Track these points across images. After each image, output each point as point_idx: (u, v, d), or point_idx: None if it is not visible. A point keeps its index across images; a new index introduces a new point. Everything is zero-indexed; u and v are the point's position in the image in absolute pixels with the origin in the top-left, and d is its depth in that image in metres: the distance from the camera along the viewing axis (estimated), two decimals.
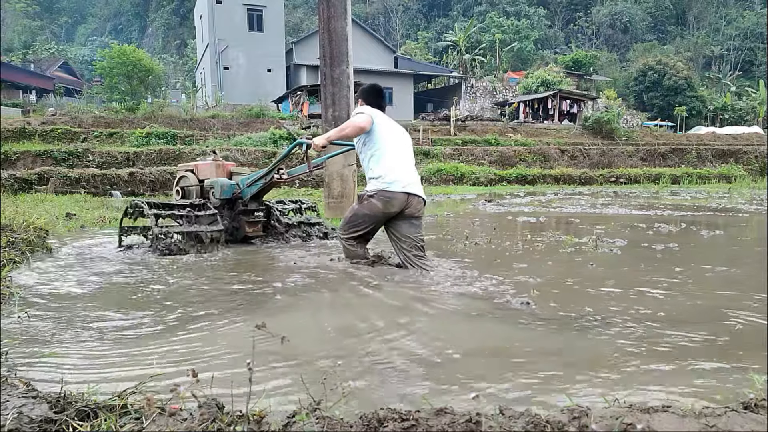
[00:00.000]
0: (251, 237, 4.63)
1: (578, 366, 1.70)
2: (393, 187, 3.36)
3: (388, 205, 3.38)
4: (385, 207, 3.39)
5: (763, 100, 36.77)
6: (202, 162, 4.75)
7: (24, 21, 55.90)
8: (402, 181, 3.38)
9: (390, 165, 3.39)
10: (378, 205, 3.38)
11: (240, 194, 4.48)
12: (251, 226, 4.57)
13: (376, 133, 3.41)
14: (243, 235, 4.58)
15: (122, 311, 2.37)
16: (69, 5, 68.09)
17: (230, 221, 4.57)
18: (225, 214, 4.54)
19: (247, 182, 4.41)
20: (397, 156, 3.44)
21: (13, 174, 11.11)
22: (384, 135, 3.43)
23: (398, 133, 3.56)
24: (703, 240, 4.87)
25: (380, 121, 3.46)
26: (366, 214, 3.44)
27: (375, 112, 3.49)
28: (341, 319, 2.31)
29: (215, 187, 4.47)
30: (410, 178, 3.46)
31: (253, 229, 4.60)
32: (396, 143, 3.48)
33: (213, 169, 4.58)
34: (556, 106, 28.34)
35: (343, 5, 5.97)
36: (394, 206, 3.40)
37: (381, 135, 3.42)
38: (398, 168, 3.40)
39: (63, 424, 1.08)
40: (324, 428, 1.05)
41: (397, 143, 3.48)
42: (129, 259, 3.79)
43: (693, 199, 11.00)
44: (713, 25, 58.12)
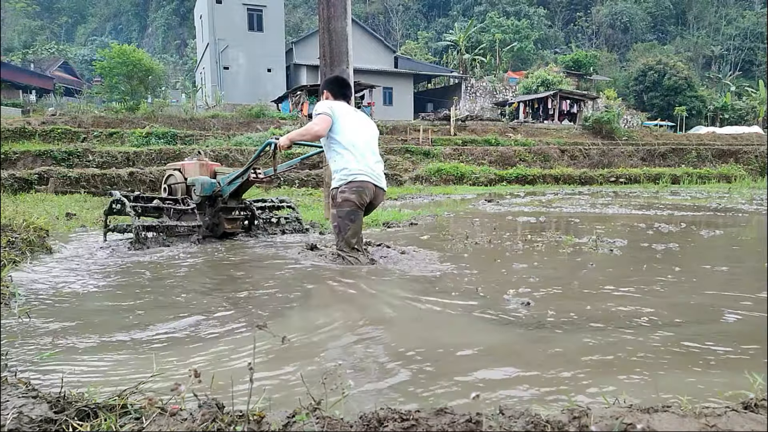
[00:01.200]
0: (230, 233, 4.87)
1: (578, 366, 1.70)
2: (361, 177, 3.43)
3: (361, 194, 3.44)
4: (359, 197, 3.44)
5: (763, 100, 36.78)
6: (188, 162, 4.98)
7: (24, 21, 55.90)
8: (367, 172, 3.46)
9: (353, 158, 3.45)
10: (352, 197, 3.43)
11: (220, 192, 4.71)
12: (230, 223, 4.82)
13: (338, 127, 3.47)
14: (222, 231, 4.82)
15: (122, 311, 2.37)
16: (69, 5, 68.07)
17: (211, 218, 4.82)
18: (207, 211, 4.80)
19: (227, 181, 4.63)
20: (360, 149, 3.49)
21: (13, 174, 11.11)
22: (346, 129, 3.49)
23: (362, 125, 3.61)
24: (704, 240, 4.87)
25: (342, 114, 3.51)
26: (346, 211, 3.45)
27: (336, 106, 3.53)
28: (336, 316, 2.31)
29: (196, 185, 4.70)
30: (375, 170, 3.54)
31: (232, 226, 4.86)
32: (359, 136, 3.53)
33: (197, 168, 4.81)
34: (556, 106, 28.34)
35: (343, 5, 5.96)
36: (367, 195, 3.47)
37: (343, 129, 3.48)
38: (362, 161, 3.47)
39: (63, 424, 1.08)
40: (324, 428, 1.05)
41: (360, 136, 3.53)
42: (129, 258, 3.79)
43: (693, 199, 11.00)
44: (713, 25, 58.12)
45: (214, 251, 4.19)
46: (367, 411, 1.11)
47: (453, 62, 42.38)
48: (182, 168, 4.94)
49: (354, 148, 3.47)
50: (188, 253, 4.05)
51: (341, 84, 3.83)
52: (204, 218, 4.74)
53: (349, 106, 3.67)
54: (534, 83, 30.97)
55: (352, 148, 3.47)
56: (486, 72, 40.05)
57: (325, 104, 3.52)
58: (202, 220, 4.68)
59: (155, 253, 3.98)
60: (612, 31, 57.34)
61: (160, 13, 60.56)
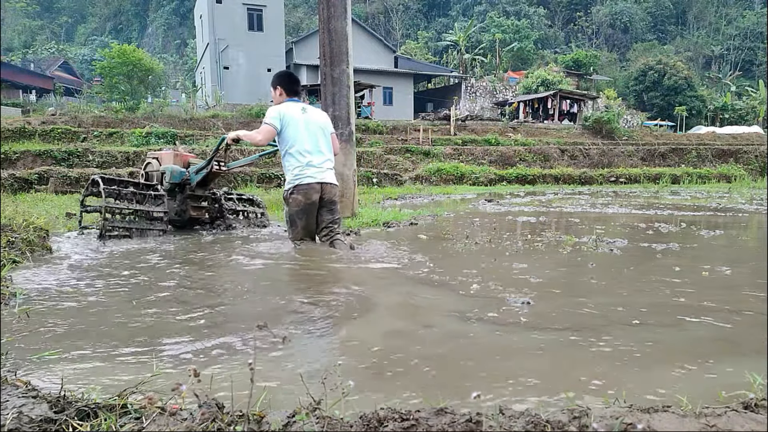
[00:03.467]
0: (196, 219, 5.31)
1: (578, 366, 1.70)
2: (306, 180, 3.78)
3: (308, 195, 3.80)
4: (306, 197, 3.80)
5: (763, 100, 36.78)
6: (164, 152, 5.44)
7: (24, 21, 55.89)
8: (313, 174, 3.80)
9: (301, 160, 3.78)
10: (300, 198, 3.80)
11: (188, 180, 5.12)
12: (195, 210, 5.27)
13: (286, 134, 3.78)
14: (188, 216, 5.24)
15: (122, 310, 2.37)
16: (69, 5, 68.08)
17: (179, 204, 5.22)
18: (177, 197, 5.21)
19: (194, 170, 5.06)
20: (307, 150, 3.80)
21: (13, 174, 11.11)
22: (292, 132, 3.78)
23: (310, 124, 3.85)
24: (704, 240, 4.87)
25: (291, 118, 3.78)
26: (296, 210, 3.84)
27: (286, 111, 3.80)
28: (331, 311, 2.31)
29: (167, 172, 5.13)
30: (322, 168, 3.86)
31: (198, 213, 5.29)
32: (306, 136, 3.81)
33: (171, 158, 5.25)
34: (556, 106, 28.34)
35: (343, 5, 5.96)
36: (314, 195, 3.82)
37: (292, 135, 3.78)
38: (306, 165, 3.79)
39: (63, 424, 1.08)
40: (324, 428, 1.05)
41: (307, 136, 3.81)
42: (128, 257, 3.79)
43: (693, 199, 11.00)
44: (713, 24, 58.12)
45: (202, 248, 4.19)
46: (367, 411, 1.12)
47: (453, 62, 42.39)
48: (159, 157, 5.36)
49: (301, 153, 3.79)
50: (184, 250, 4.05)
51: (293, 80, 4.06)
52: (173, 204, 5.16)
53: (297, 106, 3.90)
54: (534, 83, 30.96)
55: (298, 154, 3.79)
56: (486, 72, 40.05)
57: (274, 112, 3.78)
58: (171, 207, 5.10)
59: (155, 253, 3.98)
60: (612, 31, 57.34)
61: (160, 13, 60.57)
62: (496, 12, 52.05)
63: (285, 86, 3.93)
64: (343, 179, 6.10)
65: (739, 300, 2.63)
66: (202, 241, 4.69)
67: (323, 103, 6.19)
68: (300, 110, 3.87)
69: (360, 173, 13.59)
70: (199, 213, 5.30)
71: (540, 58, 46.79)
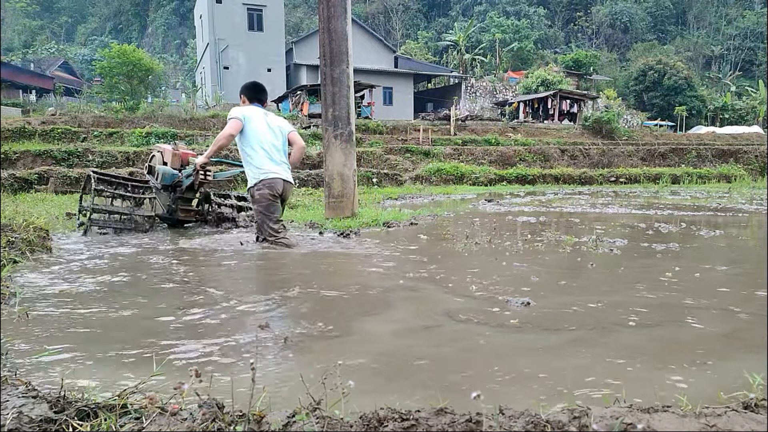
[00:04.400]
0: (183, 221, 5.47)
1: (578, 366, 1.70)
2: (271, 175, 4.03)
3: (273, 188, 4.05)
4: (272, 190, 4.05)
5: (763, 100, 36.78)
6: (167, 147, 5.55)
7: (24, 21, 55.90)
8: (274, 170, 4.05)
9: (262, 158, 4.03)
10: (266, 192, 4.03)
11: (180, 182, 5.29)
12: (184, 213, 5.43)
13: (247, 131, 4.04)
14: (177, 218, 5.40)
15: (121, 309, 2.37)
16: (69, 5, 68.08)
17: (171, 203, 5.38)
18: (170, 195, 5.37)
19: (186, 174, 5.23)
20: (267, 150, 4.05)
21: (13, 174, 11.11)
22: (254, 132, 4.04)
23: (270, 127, 4.14)
24: (704, 240, 4.87)
25: (252, 118, 4.06)
26: (266, 205, 4.05)
27: (248, 111, 4.09)
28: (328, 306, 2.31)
29: (158, 173, 5.28)
30: (281, 167, 4.13)
31: (185, 215, 5.44)
32: (267, 138, 4.07)
33: (170, 155, 5.38)
34: (556, 106, 28.34)
35: (343, 5, 5.96)
36: (278, 189, 4.08)
37: (254, 132, 4.04)
38: (269, 160, 4.05)
39: (63, 424, 1.08)
40: (324, 428, 1.05)
41: (267, 138, 4.08)
42: (128, 257, 3.79)
43: (693, 199, 11.00)
44: (713, 24, 58.14)
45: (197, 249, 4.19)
46: (367, 411, 1.12)
47: (453, 62, 42.40)
48: (162, 151, 5.50)
49: (263, 149, 4.04)
50: (184, 250, 4.05)
51: (256, 89, 4.37)
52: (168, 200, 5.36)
53: (260, 110, 4.19)
54: (534, 83, 30.96)
55: (261, 150, 4.03)
56: (486, 72, 40.06)
57: (237, 110, 4.09)
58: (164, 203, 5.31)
59: (155, 252, 3.98)
60: (612, 31, 57.34)
61: (160, 13, 60.56)
62: (496, 12, 52.06)
63: (248, 95, 4.30)
64: (343, 179, 6.10)
65: (739, 300, 2.62)
66: (202, 241, 4.69)
67: (323, 103, 6.20)
68: (261, 114, 4.17)
69: (360, 173, 13.59)
70: (187, 215, 5.47)
71: (540, 58, 46.78)
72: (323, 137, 6.22)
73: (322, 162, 6.53)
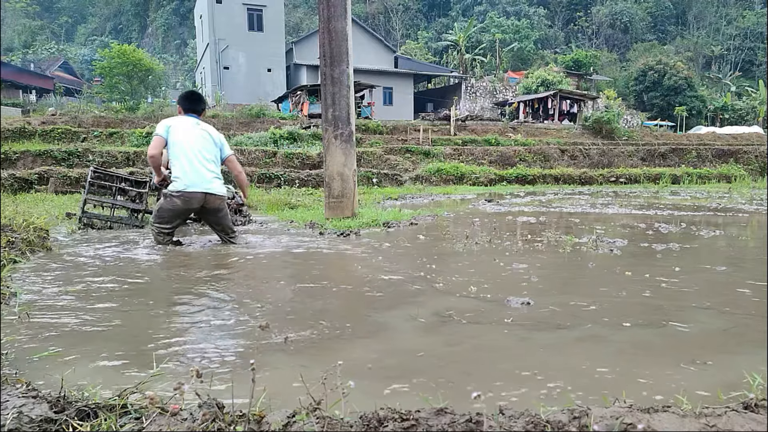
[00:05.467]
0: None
1: (578, 366, 1.70)
2: (191, 188, 4.08)
3: (187, 203, 4.12)
4: (185, 204, 4.12)
5: (763, 100, 36.79)
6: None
7: (24, 21, 55.91)
8: (197, 183, 4.09)
9: (186, 169, 4.07)
10: (179, 203, 4.11)
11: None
12: None
13: (171, 142, 4.11)
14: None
15: (121, 309, 2.37)
16: (69, 5, 68.08)
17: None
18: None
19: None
20: (191, 161, 4.09)
21: (13, 174, 11.10)
22: (179, 144, 4.09)
23: (196, 138, 4.16)
24: (704, 240, 4.87)
25: (178, 130, 4.12)
26: (170, 209, 4.13)
27: (174, 123, 4.15)
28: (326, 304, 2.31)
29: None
30: (205, 179, 4.14)
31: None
32: (191, 149, 4.10)
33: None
34: (556, 106, 28.33)
35: (343, 5, 5.96)
36: (194, 204, 4.14)
37: (176, 145, 4.09)
38: (193, 172, 4.08)
39: (63, 424, 1.08)
40: (324, 428, 1.05)
41: (192, 149, 4.10)
42: (128, 256, 3.79)
43: (693, 199, 11.00)
44: (713, 25, 58.14)
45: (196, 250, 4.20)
46: (367, 411, 1.12)
47: (453, 62, 42.40)
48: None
49: (187, 161, 4.07)
50: (183, 250, 4.05)
51: (191, 100, 4.40)
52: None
53: (189, 120, 4.22)
54: (534, 83, 30.96)
55: (185, 161, 4.07)
56: (486, 72, 40.05)
57: (162, 124, 4.15)
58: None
59: (154, 252, 3.98)
60: (612, 31, 57.33)
61: (160, 13, 60.55)
62: (496, 12, 52.05)
63: (183, 105, 4.35)
64: (343, 179, 6.10)
65: (739, 300, 2.62)
66: (200, 241, 4.69)
67: (323, 103, 6.19)
68: (192, 123, 4.21)
69: (360, 173, 13.59)
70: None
71: (540, 58, 46.79)
72: (323, 137, 6.22)
73: (322, 162, 6.53)
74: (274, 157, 15.28)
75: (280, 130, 18.05)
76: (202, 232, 5.35)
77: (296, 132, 18.21)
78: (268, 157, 15.22)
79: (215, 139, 4.29)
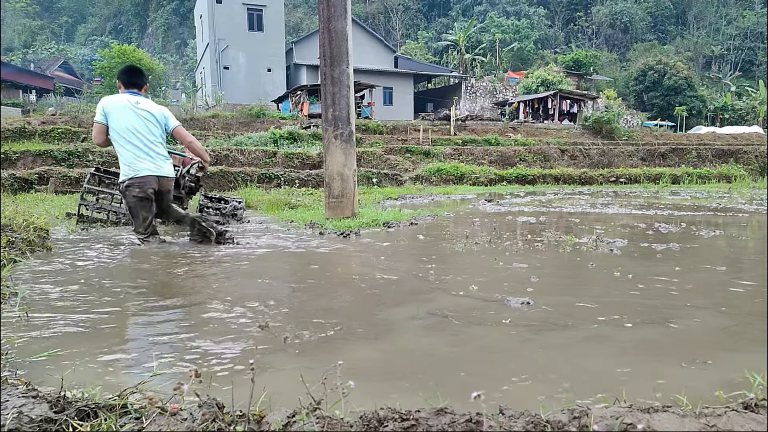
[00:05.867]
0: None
1: (578, 366, 1.70)
2: (142, 173, 3.94)
3: (144, 187, 3.97)
4: (142, 189, 3.97)
5: (763, 100, 36.80)
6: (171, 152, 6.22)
7: (24, 21, 55.93)
8: (148, 167, 3.96)
9: (133, 154, 3.92)
10: (136, 191, 3.96)
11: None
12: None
13: (112, 127, 3.93)
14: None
15: (121, 309, 2.37)
16: (69, 5, 68.08)
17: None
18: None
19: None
20: (136, 144, 3.94)
21: (13, 174, 11.11)
22: (121, 131, 3.92)
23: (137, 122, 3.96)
24: (704, 240, 4.87)
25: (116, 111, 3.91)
26: (135, 202, 4.00)
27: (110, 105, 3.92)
28: None
29: None
30: (155, 161, 4.02)
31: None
32: (135, 130, 3.93)
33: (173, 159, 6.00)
34: (556, 106, 28.34)
35: (343, 5, 5.96)
36: (150, 187, 4.00)
37: (118, 132, 3.92)
38: (139, 157, 3.94)
39: (63, 424, 1.08)
40: (324, 428, 1.05)
41: (137, 129, 3.94)
42: (128, 256, 3.79)
43: (693, 199, 11.00)
44: (713, 24, 58.14)
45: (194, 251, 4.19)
46: (367, 411, 1.12)
47: (453, 62, 42.40)
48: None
49: (131, 144, 3.91)
50: (183, 249, 4.05)
51: (130, 73, 4.12)
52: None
53: (128, 98, 3.98)
54: (534, 83, 30.97)
55: (129, 144, 3.91)
56: (486, 72, 40.06)
57: (98, 108, 3.94)
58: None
59: (154, 252, 3.98)
60: (612, 31, 57.34)
61: (160, 13, 60.56)
62: (496, 12, 52.06)
63: (122, 79, 4.08)
64: (343, 179, 6.10)
65: (739, 300, 2.62)
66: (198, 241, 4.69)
67: (323, 103, 6.19)
68: (133, 102, 3.97)
69: (360, 173, 13.59)
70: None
71: (540, 58, 46.79)
72: (323, 137, 6.21)
73: (322, 162, 6.53)
74: (274, 157, 15.28)
75: (280, 130, 18.05)
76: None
77: (296, 132, 18.21)
78: (268, 157, 15.22)
79: (157, 117, 4.08)
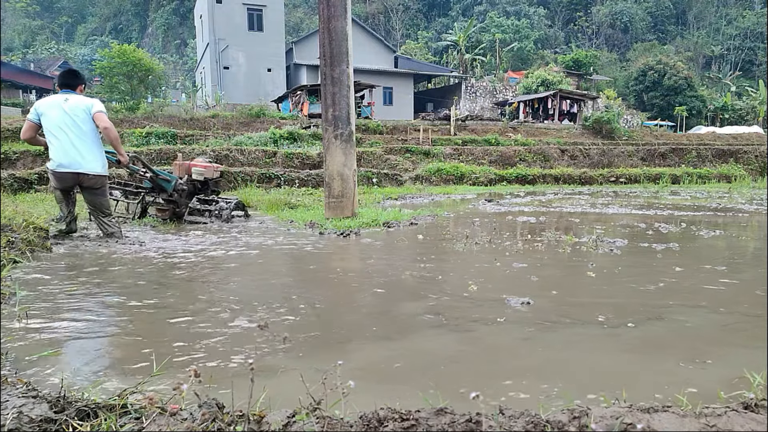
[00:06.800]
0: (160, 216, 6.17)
1: (578, 366, 1.70)
2: (60, 168, 4.18)
3: (59, 182, 4.28)
4: (58, 183, 4.31)
5: (763, 100, 36.78)
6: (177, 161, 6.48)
7: (24, 20, 55.92)
8: (66, 164, 4.18)
9: (55, 150, 4.15)
10: (53, 182, 4.34)
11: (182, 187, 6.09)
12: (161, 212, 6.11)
13: (44, 126, 4.16)
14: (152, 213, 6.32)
15: (121, 309, 2.37)
16: (69, 5, 68.05)
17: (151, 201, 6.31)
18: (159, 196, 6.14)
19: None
20: (61, 141, 4.15)
21: (13, 174, 11.11)
22: (49, 124, 4.15)
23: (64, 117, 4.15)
24: (704, 240, 4.87)
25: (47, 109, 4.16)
26: (54, 186, 4.43)
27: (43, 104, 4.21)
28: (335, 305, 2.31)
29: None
30: (76, 158, 4.19)
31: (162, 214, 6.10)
32: (60, 130, 4.14)
33: (176, 166, 6.38)
34: (556, 106, 28.33)
35: (343, 5, 5.96)
36: (66, 183, 4.29)
37: (47, 126, 4.16)
38: (63, 153, 4.15)
39: (63, 423, 1.08)
40: (324, 428, 1.05)
41: (61, 129, 4.14)
42: (127, 256, 3.79)
43: (693, 199, 11.00)
44: (713, 24, 58.12)
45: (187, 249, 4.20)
46: (367, 411, 1.11)
47: (453, 62, 42.39)
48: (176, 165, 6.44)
49: (57, 141, 4.14)
50: (182, 250, 4.05)
51: (65, 75, 4.43)
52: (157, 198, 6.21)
53: (59, 97, 4.23)
54: (534, 83, 30.95)
55: (55, 141, 4.14)
56: (486, 72, 40.05)
57: (33, 107, 4.25)
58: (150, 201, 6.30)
59: (153, 252, 3.98)
60: (612, 31, 57.32)
61: (160, 13, 60.53)
62: (496, 12, 52.02)
63: (58, 81, 4.42)
64: (343, 179, 6.10)
65: (739, 300, 2.62)
66: (199, 241, 4.69)
67: (323, 103, 6.19)
68: (62, 100, 4.20)
69: (360, 173, 13.60)
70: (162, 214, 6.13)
71: (540, 58, 46.77)
72: (323, 137, 6.21)
73: (322, 162, 6.53)
74: (274, 157, 15.27)
75: (280, 130, 18.04)
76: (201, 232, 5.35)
77: (296, 132, 18.20)
78: (268, 157, 15.21)
79: (84, 109, 4.20)
